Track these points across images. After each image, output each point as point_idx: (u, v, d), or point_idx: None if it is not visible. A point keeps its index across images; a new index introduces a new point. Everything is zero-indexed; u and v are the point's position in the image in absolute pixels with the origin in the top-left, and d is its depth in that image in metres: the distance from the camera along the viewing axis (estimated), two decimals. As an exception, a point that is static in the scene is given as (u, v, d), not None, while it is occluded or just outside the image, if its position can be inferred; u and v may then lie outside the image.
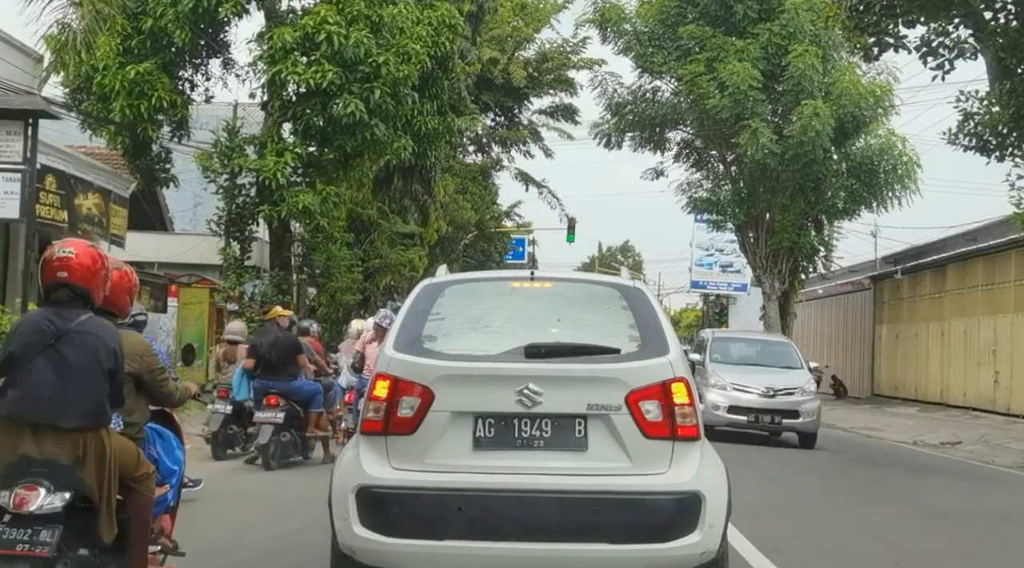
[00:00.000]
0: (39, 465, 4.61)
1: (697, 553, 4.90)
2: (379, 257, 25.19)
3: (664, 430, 4.98)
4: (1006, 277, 26.19)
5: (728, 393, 17.07)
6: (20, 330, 4.85)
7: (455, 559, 4.90)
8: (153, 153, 18.81)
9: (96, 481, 4.70)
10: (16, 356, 4.68)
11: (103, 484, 4.73)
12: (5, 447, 4.62)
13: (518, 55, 35.33)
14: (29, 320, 4.95)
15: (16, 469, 4.59)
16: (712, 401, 16.86)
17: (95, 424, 4.75)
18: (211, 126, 19.17)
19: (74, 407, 4.66)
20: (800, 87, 26.86)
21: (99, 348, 4.76)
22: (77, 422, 4.67)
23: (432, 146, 20.57)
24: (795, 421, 16.97)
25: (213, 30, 18.08)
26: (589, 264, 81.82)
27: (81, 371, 4.69)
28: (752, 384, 17.08)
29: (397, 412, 5.00)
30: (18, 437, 4.62)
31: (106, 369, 4.77)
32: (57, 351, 4.68)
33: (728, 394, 17.05)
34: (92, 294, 4.87)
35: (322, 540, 5.58)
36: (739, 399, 16.93)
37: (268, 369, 11.60)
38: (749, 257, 32.33)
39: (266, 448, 11.24)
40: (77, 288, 4.81)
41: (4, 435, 4.64)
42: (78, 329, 4.73)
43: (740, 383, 17.18)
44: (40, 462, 4.61)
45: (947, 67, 15.25)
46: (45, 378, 4.64)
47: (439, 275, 5.99)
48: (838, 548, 8.31)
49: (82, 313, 4.80)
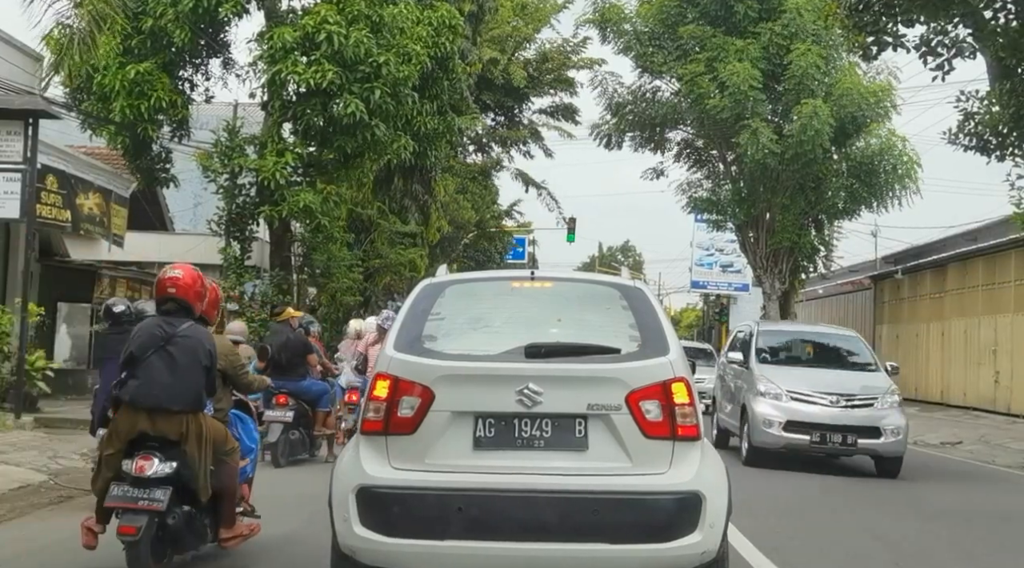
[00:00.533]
0: (153, 440, 5.99)
1: (697, 553, 4.90)
2: (379, 257, 25.18)
3: (664, 430, 4.99)
4: (1006, 277, 26.18)
5: (784, 404, 13.25)
6: (138, 334, 6.18)
7: (455, 559, 4.90)
8: (153, 153, 18.81)
9: (196, 453, 6.04)
10: (135, 354, 6.06)
11: (201, 456, 6.07)
12: (126, 425, 6.02)
13: (518, 55, 35.33)
14: (145, 326, 6.26)
15: (135, 443, 5.98)
16: (763, 415, 13.26)
17: (195, 408, 6.11)
18: (211, 126, 19.17)
19: (179, 395, 6.02)
20: (802, 86, 26.84)
21: (198, 349, 6.13)
22: (181, 406, 6.03)
23: (432, 146, 20.57)
24: (875, 441, 12.95)
25: (213, 30, 18.07)
26: (589, 264, 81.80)
27: (185, 367, 6.05)
28: (817, 391, 13.32)
29: (397, 412, 5.01)
30: (136, 418, 6.00)
31: (203, 366, 6.14)
32: (167, 351, 6.05)
33: (784, 406, 13.24)
34: (193, 306, 6.31)
35: (325, 537, 5.59)
36: (800, 412, 13.13)
37: (278, 369, 11.71)
38: (749, 257, 32.31)
39: (275, 446, 11.54)
40: (182, 302, 6.25)
41: (126, 416, 6.04)
42: (183, 334, 6.11)
43: (801, 390, 13.36)
44: (153, 438, 5.99)
45: (947, 67, 15.23)
46: (158, 372, 6.00)
47: (439, 275, 5.99)
48: (838, 548, 8.32)
49: (186, 321, 6.19)
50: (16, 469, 10.06)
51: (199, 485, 6.09)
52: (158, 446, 6.00)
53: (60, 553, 7.10)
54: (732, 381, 15.25)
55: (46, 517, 8.35)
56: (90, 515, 6.29)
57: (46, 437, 12.48)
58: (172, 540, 6.14)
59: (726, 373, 15.88)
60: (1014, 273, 25.76)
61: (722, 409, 15.87)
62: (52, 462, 10.74)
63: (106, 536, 6.14)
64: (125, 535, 5.83)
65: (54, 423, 13.94)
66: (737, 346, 15.71)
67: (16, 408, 13.62)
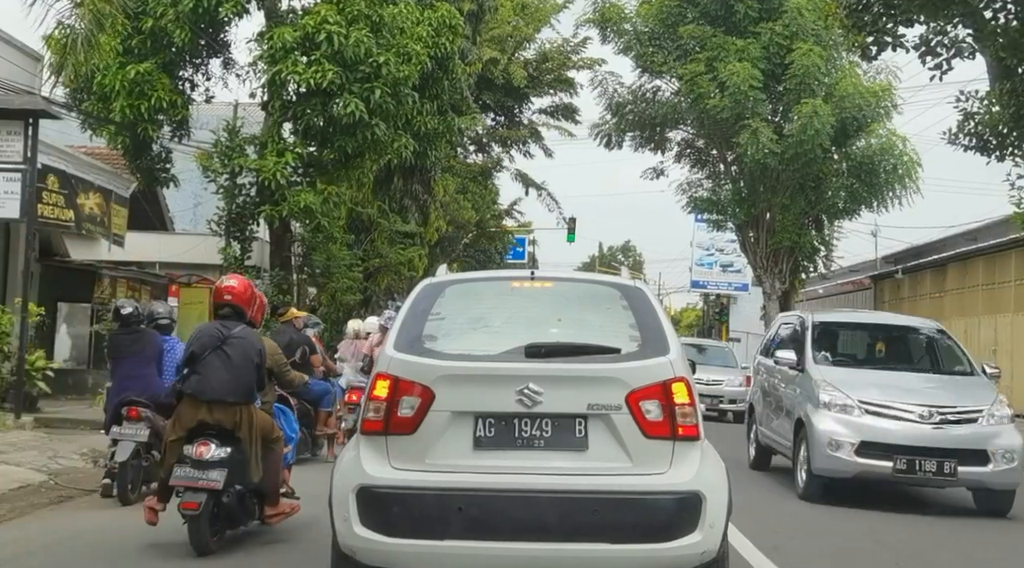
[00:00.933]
0: (211, 428, 6.91)
1: (698, 553, 4.90)
2: (379, 257, 25.18)
3: (664, 430, 4.99)
4: (1006, 277, 26.18)
5: (857, 419, 10.19)
6: (198, 335, 7.13)
7: (455, 559, 4.90)
8: (153, 153, 18.79)
9: (247, 440, 6.93)
10: (196, 353, 6.98)
11: (251, 442, 6.96)
12: (188, 415, 6.93)
13: (518, 55, 35.31)
14: (204, 329, 7.25)
15: (195, 430, 6.91)
16: (828, 434, 10.17)
17: (247, 401, 7.03)
18: (211, 126, 19.15)
19: (234, 388, 6.93)
20: (803, 86, 26.83)
21: (250, 349, 7.05)
22: (236, 399, 6.94)
23: (432, 146, 20.55)
24: (982, 469, 10.04)
25: (213, 30, 18.05)
26: (589, 264, 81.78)
27: (238, 364, 6.95)
28: (900, 403, 10.29)
29: (397, 412, 5.01)
30: (197, 408, 6.90)
31: (254, 363, 7.05)
32: (223, 350, 6.95)
33: (857, 421, 10.19)
34: (246, 312, 7.26)
35: (325, 537, 5.59)
36: (879, 430, 10.14)
37: None
38: (749, 257, 32.30)
39: None
40: (236, 307, 7.20)
41: (188, 406, 6.95)
42: (237, 335, 7.03)
43: (878, 401, 10.33)
44: (211, 426, 6.91)
45: (945, 67, 15.22)
46: (215, 368, 6.91)
47: (439, 275, 6.00)
48: (838, 548, 8.32)
49: (239, 325, 7.13)
50: (16, 469, 10.05)
51: (250, 467, 6.96)
52: (215, 433, 6.92)
53: (60, 553, 7.11)
54: (780, 388, 12.19)
55: (46, 517, 8.35)
56: (152, 495, 7.30)
57: (46, 437, 12.48)
58: (226, 516, 7.03)
59: (770, 377, 12.76)
60: (1014, 273, 25.75)
61: (764, 422, 12.78)
62: (52, 462, 10.73)
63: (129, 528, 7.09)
64: (187, 509, 6.70)
65: (54, 423, 13.94)
66: (785, 342, 12.64)
67: (16, 408, 13.61)
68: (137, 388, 8.96)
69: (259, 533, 7.62)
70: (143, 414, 8.80)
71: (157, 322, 9.59)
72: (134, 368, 9.09)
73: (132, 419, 8.79)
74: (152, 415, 8.83)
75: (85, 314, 19.74)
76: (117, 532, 7.80)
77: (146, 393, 8.92)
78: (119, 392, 9.06)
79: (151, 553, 7.09)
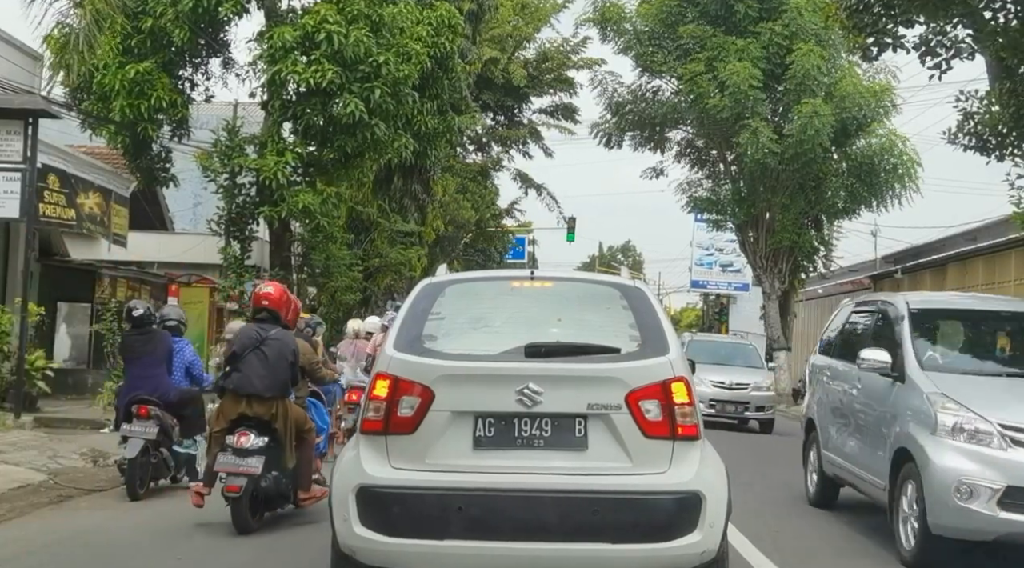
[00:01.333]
0: (250, 420, 7.68)
1: (697, 553, 4.90)
2: (379, 256, 25.17)
3: (664, 430, 4.98)
4: (1006, 277, 26.16)
5: (1000, 453, 6.97)
6: (239, 336, 8.00)
7: (455, 559, 4.90)
8: (153, 153, 18.78)
9: (283, 430, 7.75)
10: (237, 353, 7.78)
11: (287, 432, 7.79)
12: (230, 408, 7.74)
13: (518, 55, 35.32)
14: (244, 331, 8.07)
15: (237, 422, 7.68)
16: (955, 474, 6.99)
17: (282, 395, 7.83)
18: (211, 126, 19.14)
19: (271, 384, 7.71)
20: (804, 86, 26.82)
21: (285, 349, 7.83)
22: (272, 393, 7.73)
23: (432, 145, 20.55)
24: None
25: (213, 29, 18.05)
26: (589, 264, 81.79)
27: (275, 363, 7.73)
28: None
29: (397, 412, 5.01)
30: (238, 402, 7.71)
31: (289, 362, 7.83)
32: (261, 350, 7.73)
33: (1000, 456, 6.97)
34: (281, 315, 8.04)
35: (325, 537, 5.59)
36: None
37: None
38: (749, 256, 32.32)
39: None
40: (273, 312, 8.00)
41: (230, 400, 7.77)
42: (273, 337, 7.81)
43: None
44: (251, 418, 7.68)
45: (944, 67, 15.21)
46: (254, 366, 7.69)
47: (439, 275, 6.00)
48: (838, 548, 8.31)
49: (275, 327, 7.92)
50: (16, 469, 10.05)
51: (286, 455, 7.78)
52: (254, 425, 7.67)
53: (60, 553, 7.11)
54: (861, 401, 9.11)
55: (46, 517, 8.35)
56: (196, 482, 8.09)
57: (46, 437, 12.47)
58: (264, 499, 7.81)
59: (841, 384, 9.74)
60: (1014, 273, 25.74)
61: (833, 446, 9.69)
62: (52, 462, 10.72)
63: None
64: (230, 492, 7.50)
65: (54, 423, 13.94)
66: (862, 336, 9.62)
67: (16, 408, 13.60)
68: (147, 387, 9.29)
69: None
70: (152, 412, 9.14)
71: (165, 323, 9.98)
72: (145, 368, 9.45)
73: (141, 417, 9.11)
74: (161, 413, 9.20)
75: (85, 314, 19.74)
76: (117, 532, 7.82)
77: (156, 392, 9.29)
78: (130, 391, 9.39)
79: (151, 553, 7.11)
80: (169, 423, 9.35)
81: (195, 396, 9.92)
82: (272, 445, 7.70)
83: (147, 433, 9.06)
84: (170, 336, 9.84)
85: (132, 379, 9.52)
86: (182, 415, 9.57)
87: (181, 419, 9.55)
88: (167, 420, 9.30)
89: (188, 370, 9.96)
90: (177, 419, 9.50)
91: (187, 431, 9.65)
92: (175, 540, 7.44)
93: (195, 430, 9.70)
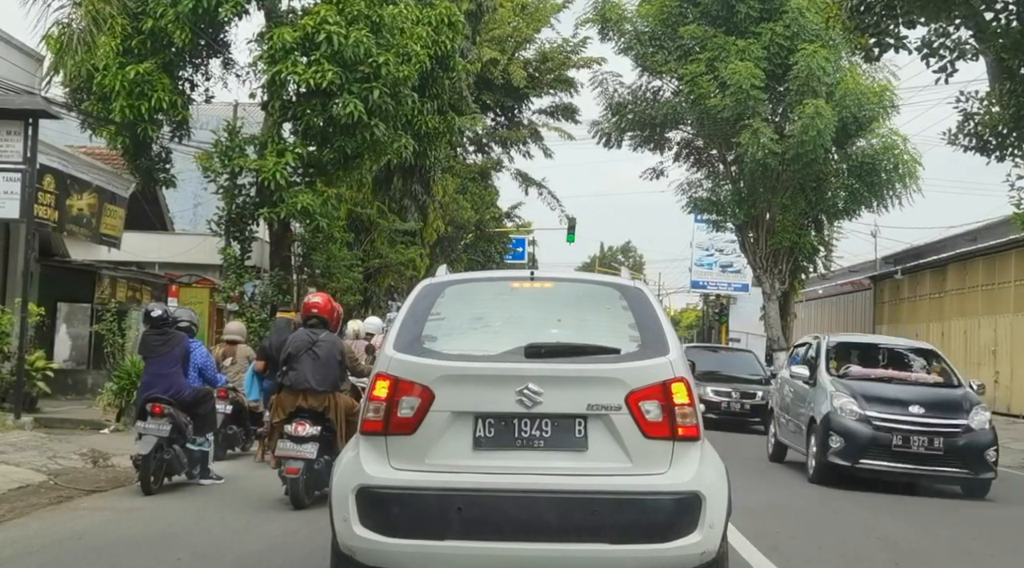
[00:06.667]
0: (305, 411, 8.96)
1: (697, 553, 4.89)
2: (379, 257, 25.17)
3: (664, 430, 4.98)
4: (1006, 277, 26.18)
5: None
6: (294, 340, 9.27)
7: (455, 559, 4.90)
8: (153, 153, 18.77)
9: (335, 419, 9.04)
10: (293, 354, 9.10)
11: (338, 420, 9.05)
12: (288, 401, 9.04)
13: (518, 55, 35.29)
14: (298, 335, 9.36)
15: (294, 414, 8.94)
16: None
17: (333, 389, 9.16)
18: (211, 126, 19.13)
19: (322, 380, 9.05)
20: (807, 86, 26.78)
21: (333, 350, 9.21)
22: (325, 388, 9.06)
23: (432, 146, 20.55)
24: None
25: (213, 30, 18.04)
26: (589, 264, 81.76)
27: (326, 362, 9.10)
28: None
29: (397, 412, 5.00)
30: (295, 396, 9.03)
31: (337, 361, 9.20)
32: (313, 351, 9.08)
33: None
34: (328, 321, 9.47)
35: (325, 537, 5.58)
36: None
37: (277, 369, 11.73)
38: (749, 257, 32.30)
39: None
40: (321, 318, 9.38)
41: (287, 395, 9.08)
42: (323, 340, 9.18)
43: None
44: (306, 410, 8.97)
45: (949, 70, 15.21)
46: (307, 366, 9.04)
47: (439, 275, 5.99)
48: (837, 548, 8.32)
49: (323, 331, 9.29)
50: (16, 469, 10.06)
51: (337, 441, 8.79)
52: (309, 415, 8.90)
53: (60, 553, 7.11)
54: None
55: (46, 517, 8.35)
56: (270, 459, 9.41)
57: (46, 437, 12.48)
58: (317, 480, 8.82)
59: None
60: (1014, 273, 25.76)
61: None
62: (52, 462, 10.74)
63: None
64: (289, 474, 8.72)
65: (54, 423, 13.95)
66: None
67: (16, 408, 13.61)
68: (163, 386, 9.76)
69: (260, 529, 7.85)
70: (166, 411, 9.58)
71: (177, 325, 10.38)
72: (162, 367, 9.91)
73: (156, 415, 9.57)
74: (175, 411, 9.62)
75: (85, 314, 19.74)
76: (117, 532, 7.81)
77: (170, 391, 9.76)
78: (146, 389, 9.87)
79: (151, 553, 7.11)
80: (183, 421, 9.72)
81: (208, 395, 10.39)
82: (325, 433, 8.90)
83: (160, 430, 9.45)
84: (187, 337, 10.29)
85: (149, 378, 9.94)
86: (196, 413, 9.98)
87: (195, 417, 9.95)
88: (180, 418, 9.68)
89: (201, 372, 10.47)
90: (191, 417, 9.88)
91: (200, 429, 10.05)
92: (175, 540, 7.45)
93: (208, 428, 10.21)
